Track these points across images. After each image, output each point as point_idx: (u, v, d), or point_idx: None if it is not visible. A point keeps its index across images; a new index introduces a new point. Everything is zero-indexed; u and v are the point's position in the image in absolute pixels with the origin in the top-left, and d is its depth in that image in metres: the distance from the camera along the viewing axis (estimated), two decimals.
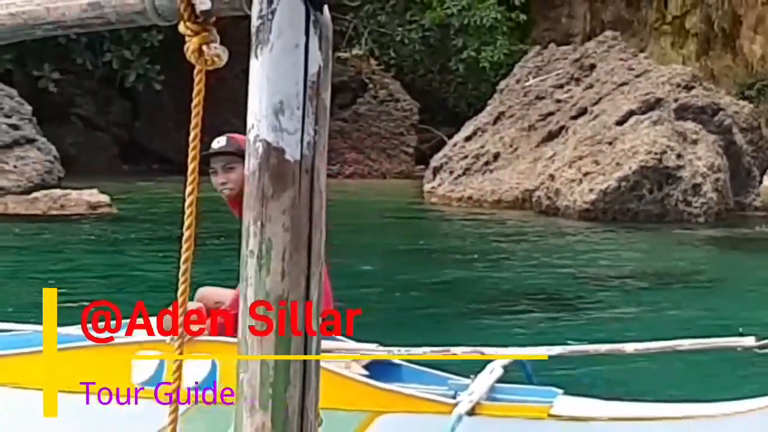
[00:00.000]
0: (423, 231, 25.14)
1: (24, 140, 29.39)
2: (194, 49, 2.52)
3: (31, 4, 2.67)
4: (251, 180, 2.40)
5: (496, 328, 13.09)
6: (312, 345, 2.42)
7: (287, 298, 2.38)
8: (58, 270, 17.75)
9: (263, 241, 2.38)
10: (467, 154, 29.32)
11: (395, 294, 15.94)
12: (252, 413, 2.37)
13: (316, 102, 2.39)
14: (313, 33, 2.39)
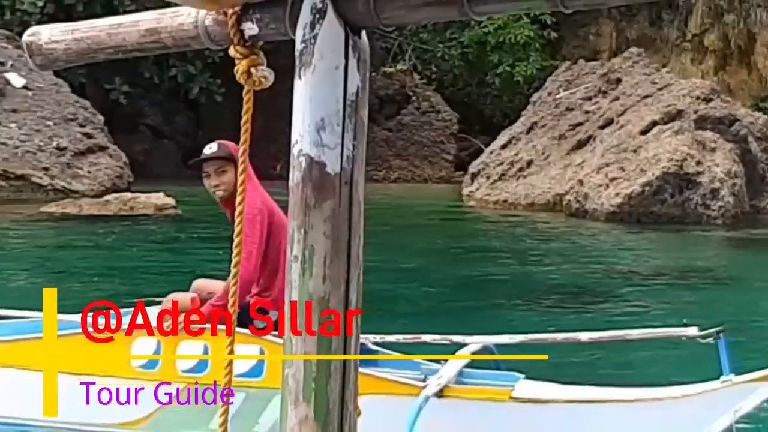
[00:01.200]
0: (461, 231, 25.13)
1: (97, 148, 29.53)
2: (243, 71, 2.53)
3: (94, 30, 2.68)
4: (295, 191, 2.40)
5: (525, 319, 13.06)
6: (351, 343, 2.42)
7: (328, 299, 2.38)
8: (127, 266, 17.84)
9: (306, 247, 2.38)
10: (503, 160, 29.30)
11: (435, 288, 15.93)
12: (296, 405, 2.37)
13: (354, 119, 2.39)
14: (351, 56, 2.39)
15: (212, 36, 2.59)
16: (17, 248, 20.07)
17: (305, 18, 2.36)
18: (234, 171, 8.58)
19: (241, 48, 2.50)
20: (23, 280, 16.34)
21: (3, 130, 28.44)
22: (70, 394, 8.64)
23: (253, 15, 2.48)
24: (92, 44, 2.73)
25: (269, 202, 8.74)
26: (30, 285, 15.67)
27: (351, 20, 2.37)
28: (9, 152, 27.98)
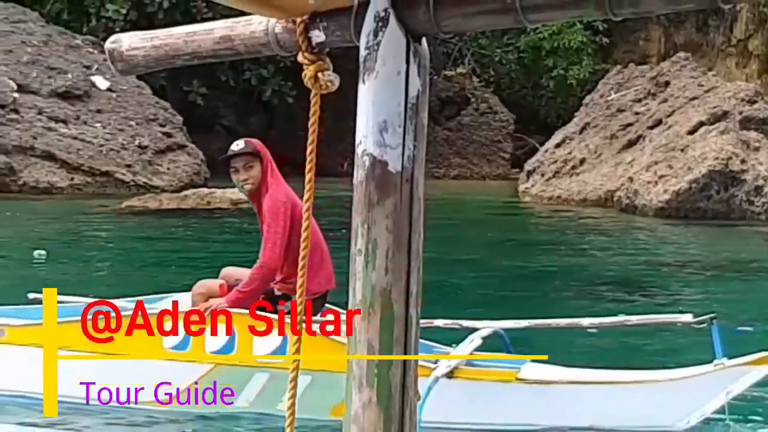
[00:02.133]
0: (517, 225, 25.07)
1: (176, 146, 29.71)
2: (311, 76, 2.54)
3: (171, 38, 2.70)
4: (359, 188, 2.40)
5: (577, 308, 13.03)
6: (411, 330, 2.42)
7: (390, 290, 2.38)
8: (203, 256, 17.93)
9: (369, 241, 2.38)
10: (557, 159, 29.20)
11: (490, 278, 15.92)
12: (360, 390, 2.38)
13: (415, 121, 2.39)
14: (413, 61, 2.39)
15: (282, 43, 2.60)
16: (102, 239, 20.24)
17: (369, 26, 2.36)
18: (260, 166, 8.70)
19: (309, 54, 2.51)
20: (107, 269, 16.48)
21: (89, 130, 28.67)
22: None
23: (320, 23, 2.49)
24: (170, 51, 2.75)
25: (292, 196, 8.85)
26: (113, 273, 15.81)
27: (412, 28, 2.37)
28: (94, 150, 28.21)
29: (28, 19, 31.33)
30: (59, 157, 27.65)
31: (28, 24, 31.08)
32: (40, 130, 28.11)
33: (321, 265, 8.84)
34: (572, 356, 9.22)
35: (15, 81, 28.74)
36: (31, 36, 30.58)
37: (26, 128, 27.88)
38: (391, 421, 2.33)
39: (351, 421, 2.37)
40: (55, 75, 29.55)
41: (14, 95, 28.41)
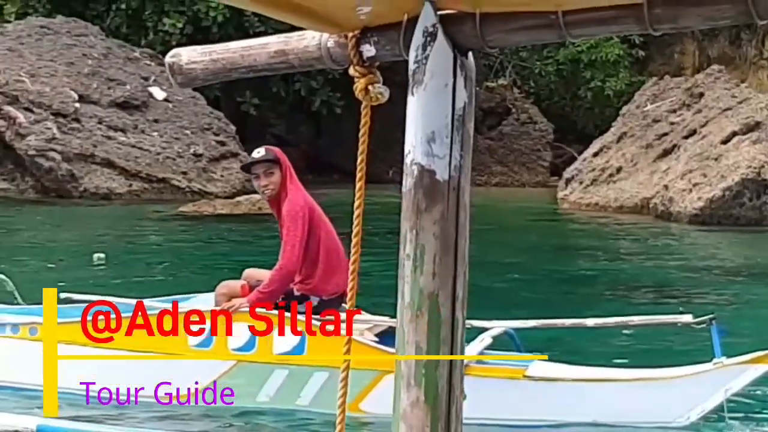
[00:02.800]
0: (556, 231, 25.04)
1: (229, 154, 29.82)
2: (361, 88, 2.54)
3: (228, 52, 2.72)
4: (407, 196, 2.41)
5: (610, 309, 13.00)
6: (458, 332, 2.42)
7: (437, 294, 2.38)
8: (254, 260, 17.95)
9: (417, 246, 2.39)
10: (594, 167, 29.09)
11: (530, 281, 15.92)
12: (408, 389, 2.38)
13: (461, 132, 2.40)
14: (459, 75, 2.39)
15: (334, 57, 2.61)
16: (158, 243, 20.35)
17: (417, 41, 2.36)
18: (280, 173, 8.79)
19: (360, 68, 2.52)
20: (162, 271, 16.56)
21: (146, 138, 28.83)
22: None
23: (371, 38, 2.50)
24: (227, 64, 2.77)
25: (310, 201, 9.00)
26: (168, 275, 15.89)
27: (459, 42, 2.37)
28: (152, 158, 28.35)
29: (89, 33, 31.53)
30: (118, 165, 27.81)
31: (89, 37, 31.28)
32: (100, 138, 28.28)
33: (338, 267, 8.89)
34: (577, 355, 9.26)
35: (76, 92, 28.94)
36: (91, 49, 30.77)
37: (87, 137, 28.07)
38: (438, 420, 2.34)
39: (399, 419, 2.37)
40: (114, 86, 29.73)
41: (76, 105, 28.61)
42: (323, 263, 8.88)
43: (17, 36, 30.58)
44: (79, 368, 8.66)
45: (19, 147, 27.60)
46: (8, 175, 28.33)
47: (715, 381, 7.97)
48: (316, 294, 8.85)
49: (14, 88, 28.26)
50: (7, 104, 27.97)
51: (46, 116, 28.03)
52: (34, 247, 19.21)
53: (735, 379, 7.94)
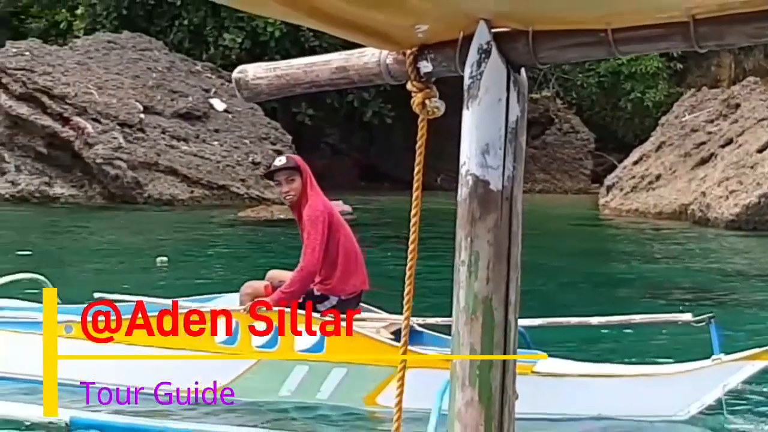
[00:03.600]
0: (597, 236, 24.94)
1: None
2: (419, 102, 2.55)
3: (292, 69, 2.72)
4: (462, 205, 2.41)
5: (649, 311, 12.93)
6: (510, 335, 2.42)
7: (491, 298, 2.38)
8: None
9: (472, 253, 2.39)
10: (634, 175, 28.98)
11: (572, 283, 15.88)
12: (463, 389, 2.38)
13: (514, 144, 2.40)
14: (512, 90, 2.39)
15: (392, 73, 2.61)
16: (217, 246, 20.44)
17: (473, 57, 2.37)
18: (300, 179, 8.89)
19: (417, 83, 2.52)
20: (221, 273, 16.62)
21: (207, 147, 28.99)
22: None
23: (428, 55, 2.50)
24: (291, 80, 2.78)
25: (329, 206, 9.17)
26: (226, 277, 15.95)
27: (512, 59, 2.37)
28: (212, 166, 28.51)
29: (154, 48, 31.76)
30: (180, 172, 27.99)
31: (153, 52, 31.51)
32: (164, 147, 28.48)
33: (356, 268, 9.08)
34: (583, 352, 9.27)
35: (141, 103, 29.16)
36: (156, 62, 31.00)
37: (151, 146, 28.27)
38: (492, 419, 2.34)
39: (454, 418, 2.37)
40: (177, 98, 29.93)
41: (141, 116, 28.82)
42: (342, 265, 9.00)
43: (86, 51, 30.85)
44: (112, 366, 8.78)
45: (87, 156, 27.83)
46: (77, 182, 28.58)
47: (713, 377, 8.03)
48: (335, 294, 8.97)
49: (83, 99, 28.50)
50: (76, 115, 28.21)
51: (113, 126, 28.24)
52: (101, 251, 19.35)
53: (733, 375, 8.00)
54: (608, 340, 10.73)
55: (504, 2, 2.27)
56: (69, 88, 28.70)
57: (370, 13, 2.31)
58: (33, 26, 35.27)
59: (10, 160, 28.97)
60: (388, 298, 13.95)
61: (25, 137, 28.82)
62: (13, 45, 30.36)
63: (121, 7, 33.55)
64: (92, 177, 28.11)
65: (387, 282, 15.96)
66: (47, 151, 28.63)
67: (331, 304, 8.91)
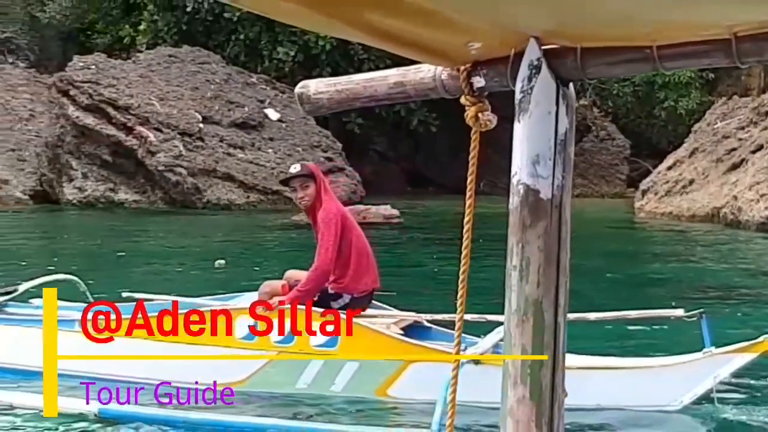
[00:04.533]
0: (633, 238, 24.81)
1: (336, 168, 29.97)
2: (472, 116, 2.55)
3: (351, 84, 2.73)
4: (514, 213, 2.41)
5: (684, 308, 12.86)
6: (560, 336, 2.42)
7: (541, 301, 2.38)
8: None
9: (523, 258, 2.39)
10: (668, 179, 28.80)
11: (607, 283, 15.80)
12: (515, 387, 2.38)
13: (563, 155, 2.40)
14: (561, 103, 2.39)
15: (447, 88, 2.62)
16: (272, 249, 20.51)
17: (523, 73, 2.37)
18: (314, 185, 9.01)
19: (471, 97, 2.53)
20: (276, 274, 16.61)
21: (262, 155, 29.10)
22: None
23: (481, 70, 2.51)
24: (350, 95, 2.79)
25: (342, 209, 9.26)
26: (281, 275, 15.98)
27: (561, 74, 2.37)
28: (267, 172, 28.61)
29: (212, 61, 31.92)
30: (237, 179, 28.11)
31: (211, 65, 31.67)
32: (221, 155, 28.61)
33: (368, 268, 9.15)
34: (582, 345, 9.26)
35: (200, 113, 29.32)
36: (214, 75, 31.16)
37: (210, 154, 28.41)
38: (543, 415, 2.34)
39: (507, 414, 2.38)
40: (233, 108, 30.07)
41: (200, 126, 28.97)
42: (354, 264, 9.09)
43: (148, 64, 31.05)
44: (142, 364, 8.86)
45: (149, 163, 28.02)
46: (140, 188, 28.77)
47: (704, 368, 8.11)
48: (347, 292, 9.09)
49: (145, 110, 28.70)
50: (139, 125, 28.41)
51: (174, 135, 28.42)
52: (162, 253, 19.46)
53: (723, 367, 8.09)
54: (606, 334, 10.70)
55: (553, 21, 2.27)
56: (132, 99, 28.91)
57: (426, 31, 2.32)
58: (98, 41, 35.53)
59: (77, 168, 29.23)
60: (433, 295, 13.96)
61: (91, 146, 29.06)
62: (80, 59, 30.62)
63: (181, 22, 33.75)
64: (154, 183, 28.30)
65: (429, 281, 16.00)
66: (112, 159, 28.86)
67: (345, 302, 9.03)
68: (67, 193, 29.11)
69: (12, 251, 19.71)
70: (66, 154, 29.40)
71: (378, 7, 2.15)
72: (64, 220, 27.25)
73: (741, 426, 8.03)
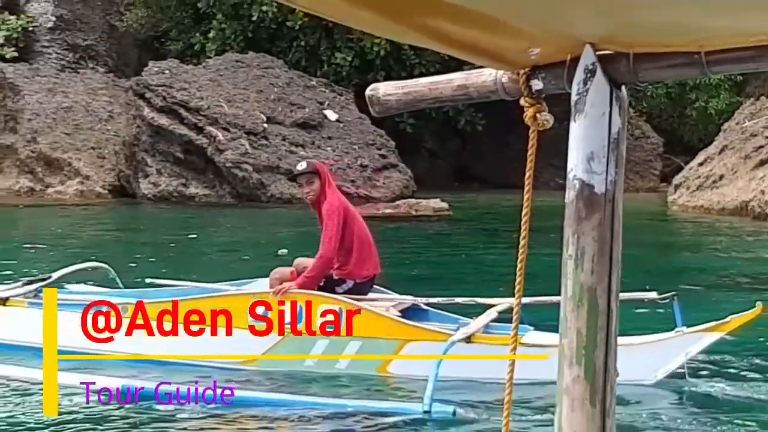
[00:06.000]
0: (665, 230, 24.66)
1: (389, 165, 29.99)
2: (530, 116, 2.55)
3: (418, 86, 2.74)
4: (570, 206, 2.41)
5: (709, 296, 12.73)
6: (612, 320, 2.42)
7: (595, 288, 2.38)
8: (410, 254, 18.01)
9: (578, 248, 2.39)
10: (699, 175, 28.55)
11: (640, 273, 15.68)
12: (570, 367, 2.39)
13: (616, 153, 2.39)
14: (615, 105, 2.39)
15: (507, 90, 2.63)
16: None
17: (579, 76, 2.37)
18: (318, 181, 9.20)
19: (529, 99, 2.53)
20: None
21: (322, 153, 29.16)
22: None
23: (539, 74, 2.51)
24: (417, 97, 2.80)
25: (345, 202, 9.49)
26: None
27: (614, 78, 2.37)
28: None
29: (275, 66, 32.03)
30: None
31: (275, 69, 31.78)
32: (284, 153, 28.72)
33: (369, 255, 9.36)
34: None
35: (265, 114, 29.44)
36: (277, 79, 31.26)
37: (273, 151, 28.53)
38: (596, 393, 2.35)
39: (563, 392, 2.39)
40: (295, 109, 30.16)
41: (264, 125, 29.10)
42: (357, 252, 9.28)
43: (216, 69, 31.22)
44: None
45: (218, 160, 28.19)
46: (209, 183, 28.96)
47: (677, 346, 8.30)
48: (351, 278, 9.31)
49: (214, 111, 28.86)
50: (209, 125, 28.58)
51: (240, 135, 28.56)
52: (230, 243, 19.59)
53: (693, 345, 8.29)
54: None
55: (608, 29, 2.27)
56: (202, 101, 29.09)
57: (490, 38, 2.33)
58: (171, 48, 35.75)
59: (152, 165, 29.47)
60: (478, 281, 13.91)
61: (165, 144, 29.28)
62: (155, 65, 30.84)
63: (247, 30, 33.89)
64: (222, 179, 28.47)
65: (477, 267, 15.95)
66: (184, 157, 29.07)
67: (348, 287, 9.25)
68: (142, 188, 29.36)
69: (94, 240, 19.94)
70: (142, 152, 29.64)
71: (447, 16, 2.16)
72: (140, 212, 27.51)
73: (709, 397, 8.25)
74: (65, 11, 36.79)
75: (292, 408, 7.79)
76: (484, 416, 7.75)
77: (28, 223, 24.61)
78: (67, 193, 30.08)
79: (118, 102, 32.66)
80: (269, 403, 7.79)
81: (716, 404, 8.18)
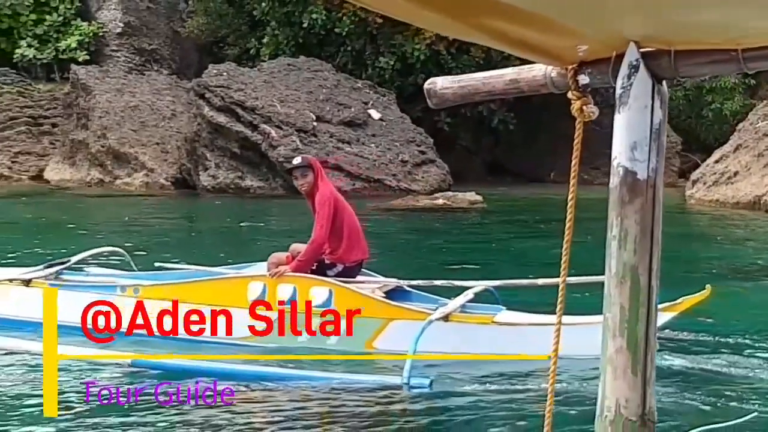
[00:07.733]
0: (683, 222, 24.39)
1: (428, 161, 29.94)
2: (577, 108, 2.55)
3: (473, 81, 2.75)
4: (614, 191, 2.42)
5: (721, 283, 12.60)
6: (652, 296, 2.42)
7: (637, 266, 2.39)
8: (446, 243, 17.99)
9: (622, 230, 2.40)
10: (715, 171, 28.29)
11: (662, 259, 15.57)
12: (614, 339, 2.40)
13: (657, 142, 2.40)
14: (656, 98, 2.39)
15: (556, 84, 2.63)
16: (374, 231, 20.49)
17: (624, 72, 2.37)
18: (312, 175, 9.34)
19: (576, 92, 2.53)
20: (376, 253, 16.57)
21: (366, 149, 29.18)
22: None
23: (586, 69, 2.51)
24: (471, 90, 2.80)
25: (336, 193, 9.58)
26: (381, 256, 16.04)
27: (656, 73, 2.37)
28: (370, 164, 28.69)
29: (324, 69, 32.06)
30: (345, 169, 28.24)
31: (323, 72, 31.81)
32: (332, 149, 28.76)
33: (358, 242, 9.49)
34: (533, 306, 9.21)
35: (314, 113, 29.48)
36: (325, 81, 31.30)
37: (322, 147, 28.57)
38: (638, 363, 2.35)
39: (606, 362, 2.39)
40: (342, 109, 30.18)
41: (314, 124, 29.15)
42: (346, 239, 9.40)
43: (270, 71, 31.30)
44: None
45: (271, 155, 28.27)
46: (263, 176, 29.06)
47: None
48: (341, 262, 9.41)
49: (268, 110, 28.95)
50: (263, 123, 28.67)
51: (292, 132, 28.63)
52: (282, 231, 19.66)
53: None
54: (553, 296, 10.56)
55: (651, 28, 2.27)
56: (257, 101, 29.18)
57: (541, 36, 2.33)
58: (229, 52, 35.89)
59: (211, 159, 29.61)
60: (509, 266, 13.86)
61: (223, 140, 29.41)
62: (214, 67, 30.97)
63: (298, 36, 33.94)
64: (275, 172, 28.54)
65: (508, 254, 15.89)
66: (240, 152, 29.18)
67: (338, 270, 9.35)
68: (202, 180, 29.51)
69: (159, 228, 20.09)
70: (202, 147, 29.80)
71: (503, 16, 2.17)
72: (199, 202, 27.67)
73: (662, 370, 8.12)
74: (132, 18, 37.10)
75: (282, 381, 7.83)
76: (457, 388, 7.84)
77: (98, 212, 24.85)
78: (133, 185, 30.34)
79: (180, 101, 32.85)
80: (261, 377, 7.87)
81: (667, 375, 8.15)
